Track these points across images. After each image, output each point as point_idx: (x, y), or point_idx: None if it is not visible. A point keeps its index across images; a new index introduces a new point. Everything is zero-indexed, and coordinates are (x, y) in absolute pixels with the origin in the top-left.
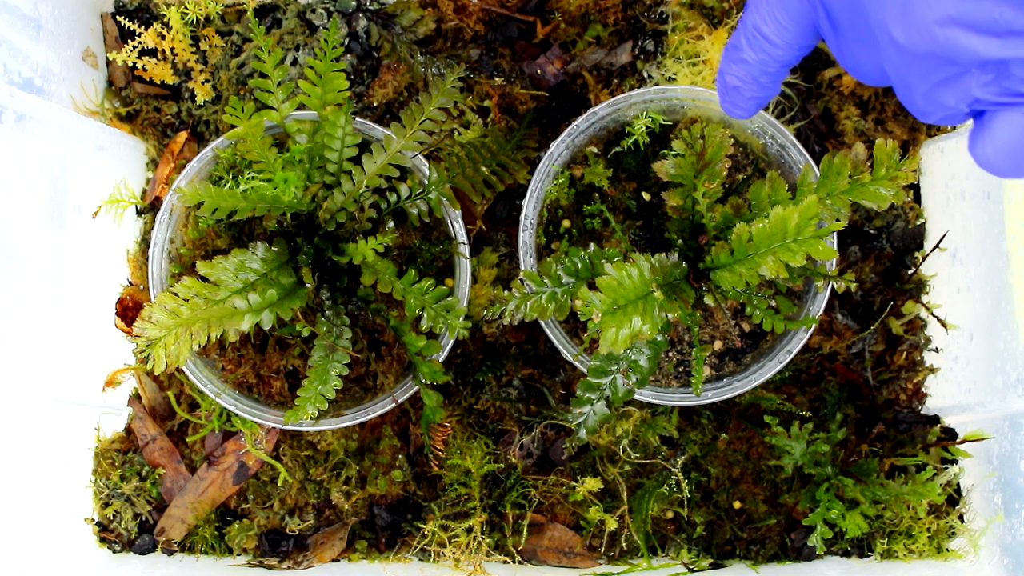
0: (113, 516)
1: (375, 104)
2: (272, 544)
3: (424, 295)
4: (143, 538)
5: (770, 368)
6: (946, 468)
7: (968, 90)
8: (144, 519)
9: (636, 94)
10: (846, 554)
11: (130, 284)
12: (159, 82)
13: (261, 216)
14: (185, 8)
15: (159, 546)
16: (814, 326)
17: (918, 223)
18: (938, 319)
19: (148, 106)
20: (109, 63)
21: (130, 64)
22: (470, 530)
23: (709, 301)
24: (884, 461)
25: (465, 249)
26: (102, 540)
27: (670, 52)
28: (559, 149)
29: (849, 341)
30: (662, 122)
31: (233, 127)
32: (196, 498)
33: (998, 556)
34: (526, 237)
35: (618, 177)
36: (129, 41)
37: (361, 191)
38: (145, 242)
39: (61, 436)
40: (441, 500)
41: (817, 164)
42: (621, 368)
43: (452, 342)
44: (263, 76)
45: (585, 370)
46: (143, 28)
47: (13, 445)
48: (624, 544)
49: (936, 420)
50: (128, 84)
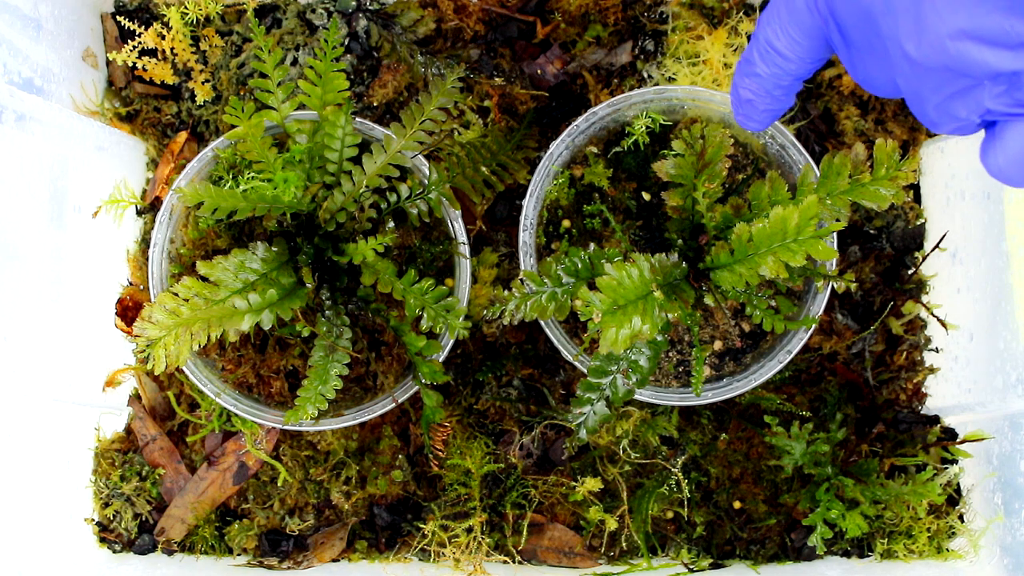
0: (113, 516)
1: (375, 104)
2: (272, 544)
3: (424, 295)
4: (143, 538)
5: (770, 368)
6: (946, 468)
7: (980, 102)
8: (144, 519)
9: (636, 94)
10: (846, 554)
11: (130, 284)
12: (159, 82)
13: (261, 216)
14: (185, 8)
15: (159, 546)
16: (814, 326)
17: (918, 223)
18: (938, 319)
19: (148, 106)
20: (109, 63)
21: (130, 64)
22: (470, 530)
23: (709, 301)
24: (884, 461)
25: (465, 249)
26: (102, 540)
27: (670, 52)
28: (559, 149)
29: (849, 341)
30: (662, 122)
31: (233, 127)
32: (196, 498)
33: (998, 556)
34: (526, 237)
35: (618, 177)
36: (129, 41)
37: (361, 191)
38: (145, 242)
39: (61, 436)
40: (441, 500)
41: (817, 164)
42: (621, 368)
43: (452, 342)
44: (263, 76)
45: (585, 370)
46: (143, 28)
47: (13, 445)
48: (624, 544)
49: (936, 420)
50: (128, 84)
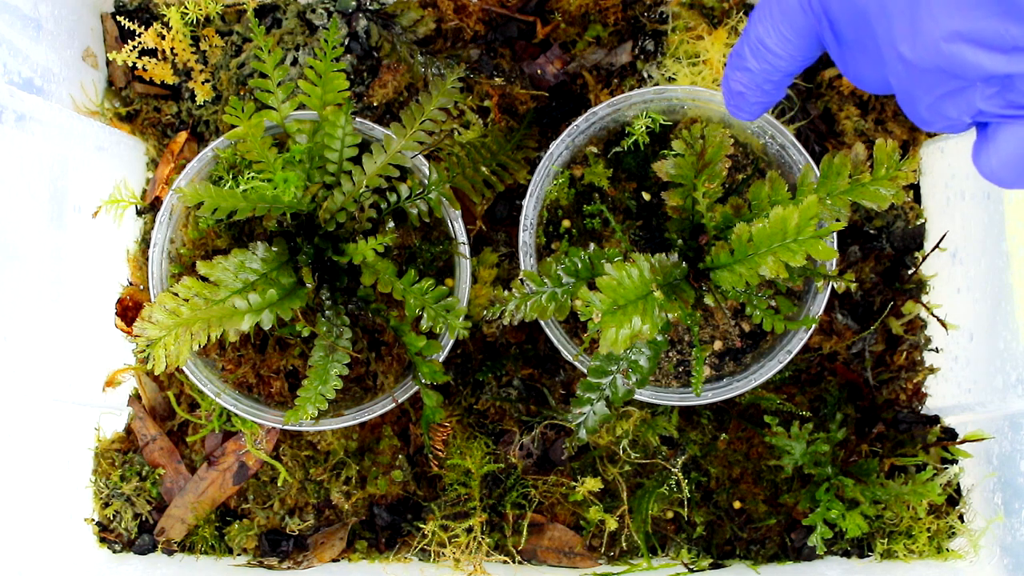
0: (113, 516)
1: (375, 104)
2: (272, 544)
3: (424, 295)
4: (143, 538)
5: (770, 368)
6: (946, 468)
7: (972, 103)
8: (144, 519)
9: (636, 94)
10: (846, 554)
11: (130, 284)
12: (159, 82)
13: (261, 216)
14: (185, 8)
15: (159, 546)
16: (814, 326)
17: (918, 223)
18: (938, 319)
19: (148, 106)
20: (109, 63)
21: (130, 64)
22: (470, 530)
23: (709, 301)
24: (884, 461)
25: (465, 249)
26: (102, 540)
27: (670, 52)
28: (559, 149)
29: (849, 341)
30: (662, 122)
31: (233, 127)
32: (196, 498)
33: (998, 556)
34: (526, 237)
35: (618, 177)
36: (129, 41)
37: (361, 191)
38: (145, 242)
39: (61, 436)
40: (441, 500)
41: (817, 164)
42: (621, 368)
43: (452, 342)
44: (263, 76)
45: (585, 370)
46: (143, 28)
47: (13, 445)
48: (624, 544)
49: (936, 420)
50: (128, 84)
